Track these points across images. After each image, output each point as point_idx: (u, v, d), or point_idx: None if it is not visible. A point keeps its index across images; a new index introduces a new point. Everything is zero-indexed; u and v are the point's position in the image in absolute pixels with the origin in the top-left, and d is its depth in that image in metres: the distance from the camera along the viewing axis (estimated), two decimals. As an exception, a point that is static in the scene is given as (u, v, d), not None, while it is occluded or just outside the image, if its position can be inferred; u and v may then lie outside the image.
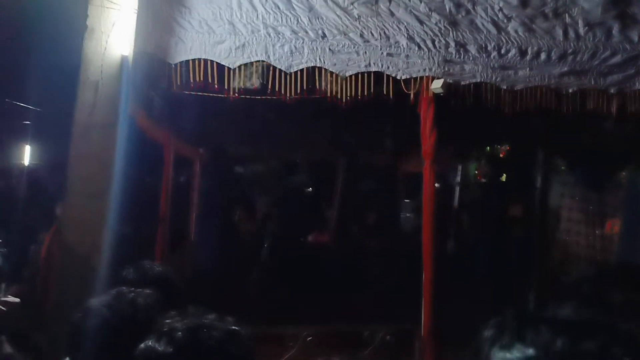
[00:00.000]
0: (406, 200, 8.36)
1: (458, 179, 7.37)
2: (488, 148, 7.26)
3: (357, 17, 3.87)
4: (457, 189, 7.49)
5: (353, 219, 8.12)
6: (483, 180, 6.97)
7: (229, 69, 3.82)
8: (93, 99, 3.36)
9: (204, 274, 6.20)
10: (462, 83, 3.90)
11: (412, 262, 4.17)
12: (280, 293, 5.98)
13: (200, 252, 6.63)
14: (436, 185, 7.29)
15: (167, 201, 5.45)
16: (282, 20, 3.83)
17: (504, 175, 7.14)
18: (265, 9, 3.82)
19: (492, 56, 3.89)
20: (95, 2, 3.39)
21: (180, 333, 1.29)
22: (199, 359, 1.28)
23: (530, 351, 0.99)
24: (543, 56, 3.91)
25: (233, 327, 1.35)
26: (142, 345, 1.30)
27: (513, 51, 3.90)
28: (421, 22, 3.87)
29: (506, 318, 1.09)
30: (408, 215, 8.34)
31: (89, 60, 3.37)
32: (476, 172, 7.75)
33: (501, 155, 7.52)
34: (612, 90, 3.95)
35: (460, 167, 7.33)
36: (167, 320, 1.37)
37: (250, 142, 6.71)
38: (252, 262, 6.90)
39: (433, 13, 3.87)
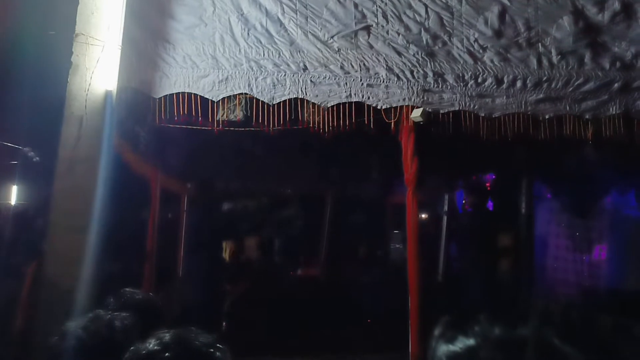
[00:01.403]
0: (395, 231, 8.38)
1: (445, 208, 7.41)
2: (474, 176, 7.34)
3: (337, 49, 3.98)
4: (445, 218, 7.52)
5: (342, 252, 8.11)
6: (469, 208, 7.01)
7: (212, 102, 3.89)
8: (77, 133, 3.40)
9: (191, 308, 6.14)
10: (441, 112, 3.99)
11: (401, 293, 4.16)
12: (270, 326, 5.92)
13: (187, 286, 6.58)
14: (423, 215, 7.35)
15: (154, 235, 5.44)
16: (264, 54, 3.94)
17: (490, 203, 7.21)
18: (247, 43, 3.93)
19: (469, 85, 4.00)
20: (80, 39, 3.46)
21: (167, 337, 1.33)
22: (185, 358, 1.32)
23: (471, 341, 1.04)
24: (519, 84, 4.02)
25: (216, 342, 1.39)
26: (132, 347, 1.34)
27: (489, 80, 4.01)
28: (399, 54, 3.99)
29: (452, 317, 1.13)
30: (397, 246, 8.34)
31: (73, 95, 3.43)
32: (463, 200, 7.80)
33: (487, 184, 7.60)
34: (587, 116, 4.06)
35: (446, 196, 7.38)
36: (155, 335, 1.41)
37: (236, 175, 6.74)
38: (241, 296, 6.83)
39: (411, 45, 3.99)
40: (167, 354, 1.30)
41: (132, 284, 4.65)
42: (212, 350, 1.34)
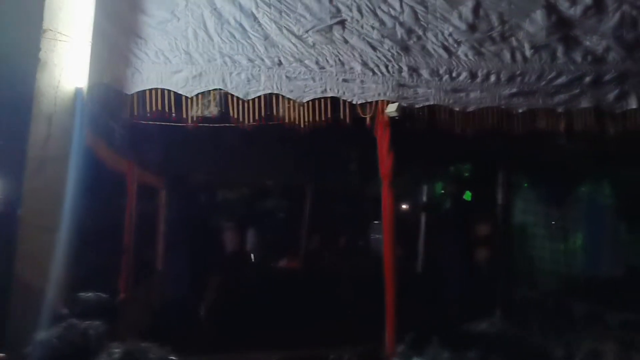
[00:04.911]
0: (376, 222, 8.42)
1: (423, 199, 7.47)
2: (452, 168, 7.39)
3: (312, 44, 3.96)
4: (423, 209, 7.58)
5: (323, 243, 8.13)
6: (447, 199, 7.07)
7: (186, 97, 3.85)
8: (47, 131, 3.34)
9: (173, 303, 6.15)
10: (416, 106, 4.00)
11: (380, 283, 4.19)
12: (249, 318, 5.93)
13: (167, 281, 6.57)
14: (404, 206, 7.39)
15: (131, 231, 5.40)
16: (238, 49, 3.91)
17: (468, 194, 7.27)
18: (221, 38, 3.89)
19: (444, 79, 4.02)
20: (48, 35, 3.39)
21: (117, 355, 1.33)
22: None
23: None
24: (493, 78, 4.06)
25: (168, 355, 1.38)
26: None
27: (464, 74, 4.04)
28: (374, 48, 3.99)
29: (416, 334, 1.16)
30: (378, 236, 8.38)
31: (42, 93, 3.36)
32: (441, 191, 7.87)
33: (464, 175, 7.66)
34: (559, 110, 4.10)
35: (424, 188, 7.44)
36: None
37: (214, 169, 6.71)
38: (221, 289, 6.83)
39: (385, 39, 3.99)
40: None
41: (109, 281, 4.63)
42: None
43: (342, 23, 3.99)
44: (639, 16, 4.17)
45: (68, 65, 3.45)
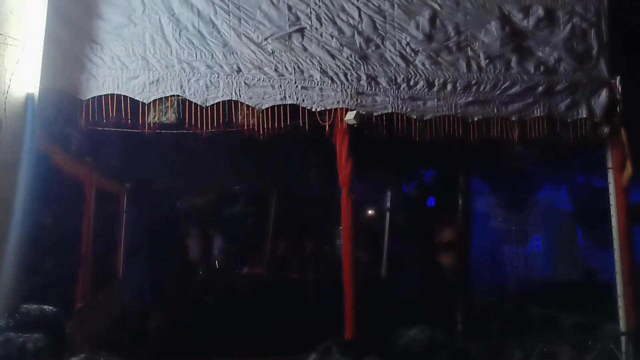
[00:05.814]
0: (340, 228, 8.43)
1: (387, 205, 7.53)
2: (411, 175, 7.49)
3: (271, 52, 3.97)
4: (387, 214, 7.64)
5: (288, 249, 8.12)
6: (410, 205, 7.16)
7: (143, 104, 3.80)
8: (-4, 137, 3.24)
9: (132, 313, 6.06)
10: (375, 114, 4.04)
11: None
12: (214, 326, 5.88)
13: (128, 289, 6.46)
14: (365, 212, 7.44)
15: (89, 240, 5.29)
16: (196, 56, 3.88)
17: (431, 199, 7.38)
18: (179, 44, 3.86)
19: (401, 88, 4.08)
20: (-3, 40, 3.30)
21: None
22: None
23: None
24: (449, 87, 4.14)
25: None
26: None
27: (421, 83, 4.11)
28: (333, 57, 4.02)
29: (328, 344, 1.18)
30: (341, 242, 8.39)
31: (-9, 98, 3.26)
32: (404, 198, 7.95)
33: (428, 181, 7.77)
34: (513, 118, 4.21)
35: (384, 195, 7.50)
36: None
37: (172, 177, 6.63)
38: (184, 297, 6.75)
39: (344, 48, 4.03)
40: None
41: (64, 292, 4.52)
42: None
43: (301, 31, 4.01)
44: (589, 29, 4.34)
45: (19, 70, 3.35)
